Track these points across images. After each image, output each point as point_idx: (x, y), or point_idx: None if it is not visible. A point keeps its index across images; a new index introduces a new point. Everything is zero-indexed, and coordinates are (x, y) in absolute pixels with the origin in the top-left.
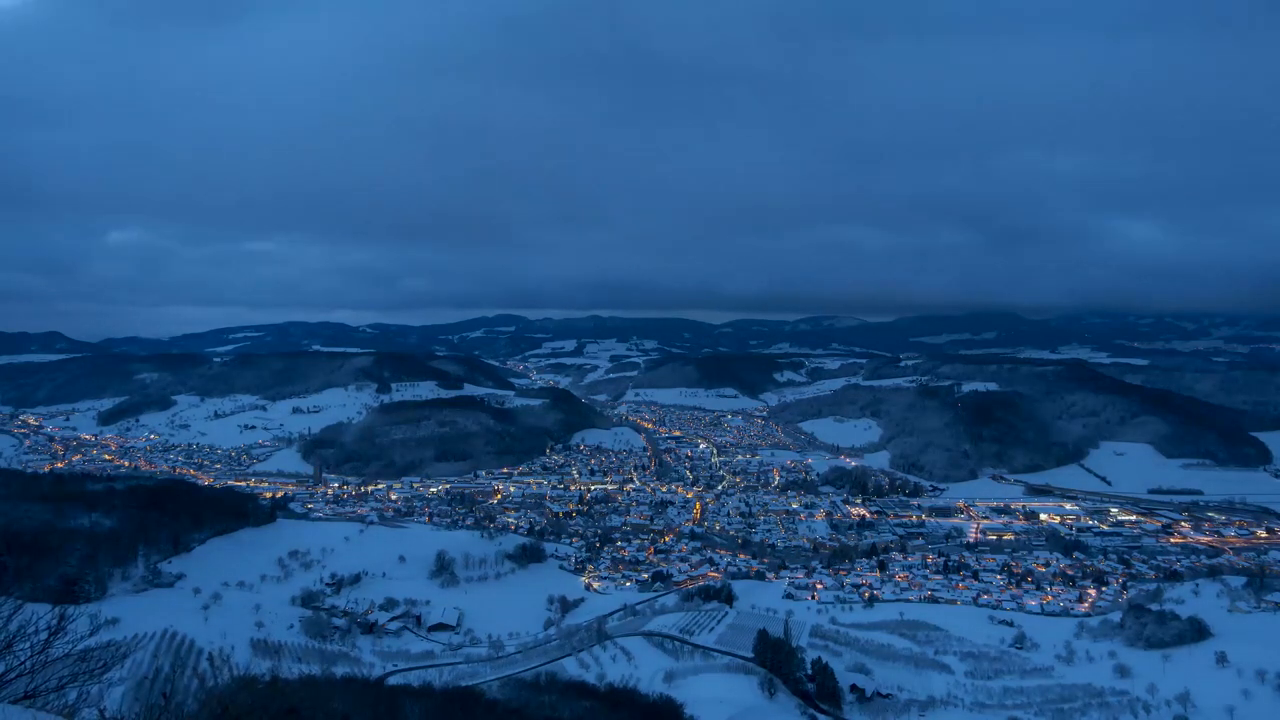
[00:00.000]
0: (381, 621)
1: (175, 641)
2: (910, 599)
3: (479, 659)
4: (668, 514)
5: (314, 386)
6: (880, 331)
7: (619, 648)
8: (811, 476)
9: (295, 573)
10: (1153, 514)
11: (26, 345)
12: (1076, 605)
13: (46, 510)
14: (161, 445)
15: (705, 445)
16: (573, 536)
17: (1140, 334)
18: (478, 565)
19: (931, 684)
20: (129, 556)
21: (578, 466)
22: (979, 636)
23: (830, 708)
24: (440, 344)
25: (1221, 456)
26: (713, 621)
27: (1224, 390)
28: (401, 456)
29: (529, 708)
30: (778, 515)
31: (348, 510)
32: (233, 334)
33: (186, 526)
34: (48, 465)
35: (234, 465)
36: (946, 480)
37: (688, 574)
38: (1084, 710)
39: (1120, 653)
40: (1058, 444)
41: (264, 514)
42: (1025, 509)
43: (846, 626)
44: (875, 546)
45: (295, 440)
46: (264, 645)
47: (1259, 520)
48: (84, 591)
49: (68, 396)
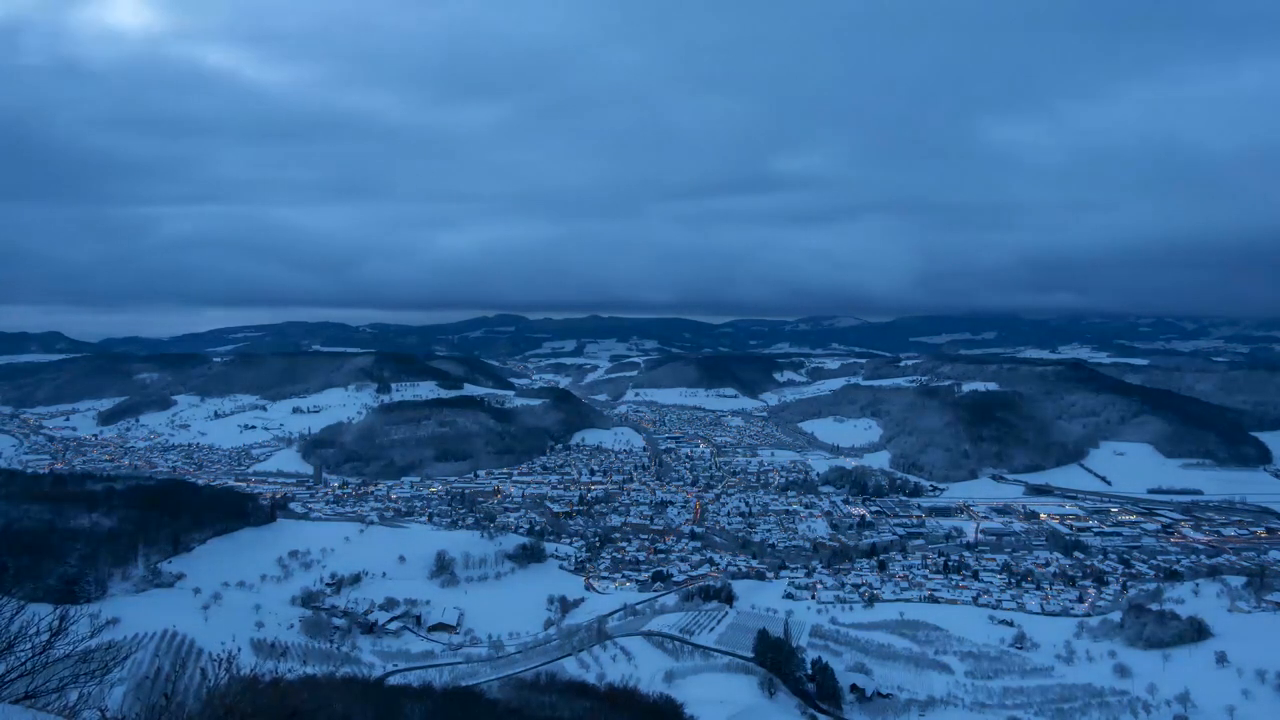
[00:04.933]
0: (381, 621)
1: (175, 641)
2: (910, 599)
3: (479, 659)
4: (668, 514)
5: (314, 386)
6: (880, 331)
7: (619, 648)
8: (811, 476)
9: (295, 573)
10: (1153, 514)
11: (26, 345)
12: (1076, 605)
13: (46, 510)
14: (161, 445)
15: (705, 445)
16: (573, 536)
17: (1140, 334)
18: (478, 565)
19: (931, 684)
20: (129, 556)
21: (578, 466)
22: (979, 636)
23: (830, 707)
24: (440, 344)
25: (1221, 456)
26: (713, 621)
27: (1224, 390)
28: (401, 456)
29: (529, 708)
30: (778, 515)
31: (348, 510)
32: (233, 334)
33: (186, 526)
34: (48, 465)
35: (234, 465)
36: (946, 480)
37: (688, 574)
38: (1084, 710)
39: (1120, 653)
40: (1058, 444)
41: (264, 514)
42: (1025, 509)
43: (846, 626)
44: (875, 546)
45: (295, 440)
46: (264, 645)
47: (1259, 520)
48: (84, 592)
49: (68, 396)
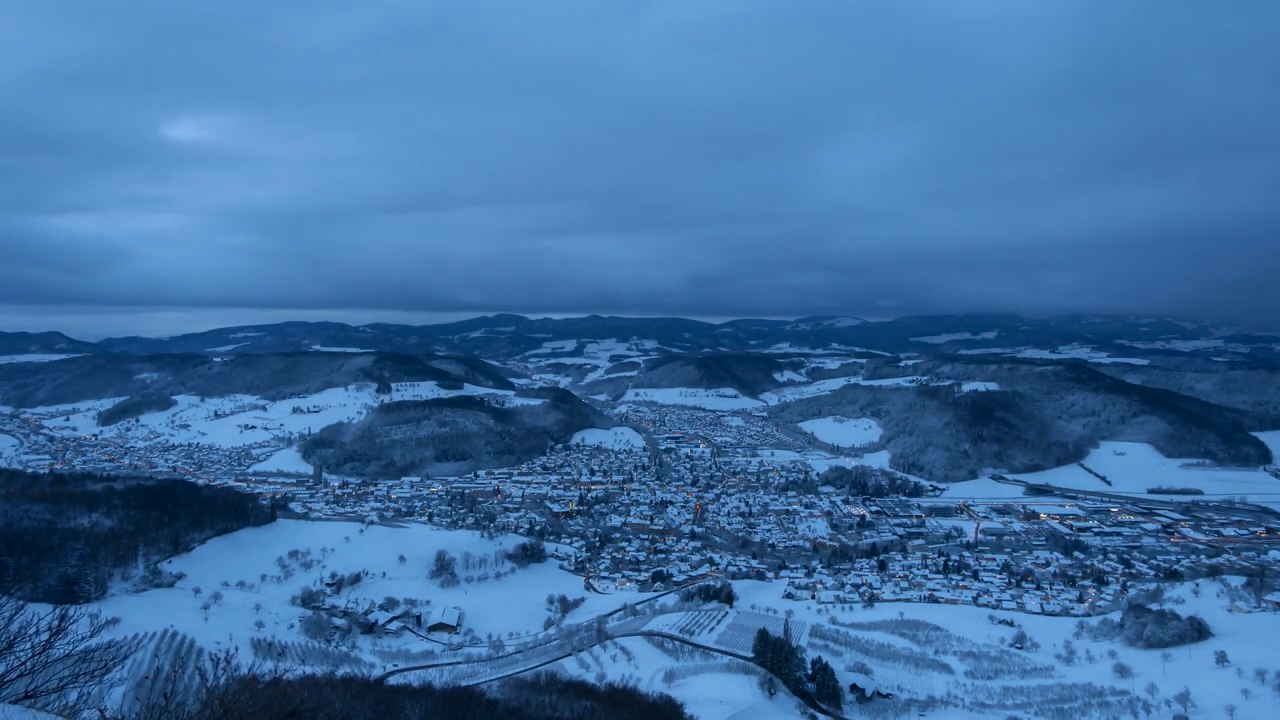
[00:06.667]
0: (381, 621)
1: (175, 641)
2: (910, 599)
3: (479, 659)
4: (668, 514)
5: (314, 386)
6: (880, 331)
7: (619, 647)
8: (811, 476)
9: (295, 573)
10: (1153, 514)
11: (26, 345)
12: (1076, 605)
13: (47, 510)
14: (161, 445)
15: (705, 445)
16: (573, 536)
17: (1140, 334)
18: (478, 565)
19: (931, 684)
20: (129, 556)
21: (578, 466)
22: (979, 636)
23: (830, 707)
24: (440, 344)
25: (1221, 456)
26: (713, 621)
27: (1224, 390)
28: (401, 456)
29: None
30: (778, 515)
31: (348, 510)
32: (233, 334)
33: (186, 526)
34: (48, 465)
35: (234, 465)
36: (946, 480)
37: (688, 574)
38: (1084, 710)
39: (1120, 652)
40: (1058, 444)
41: (264, 514)
42: (1025, 509)
43: (846, 626)
44: (875, 546)
45: (295, 440)
46: (264, 645)
47: (1259, 520)
48: (84, 591)
49: (68, 396)
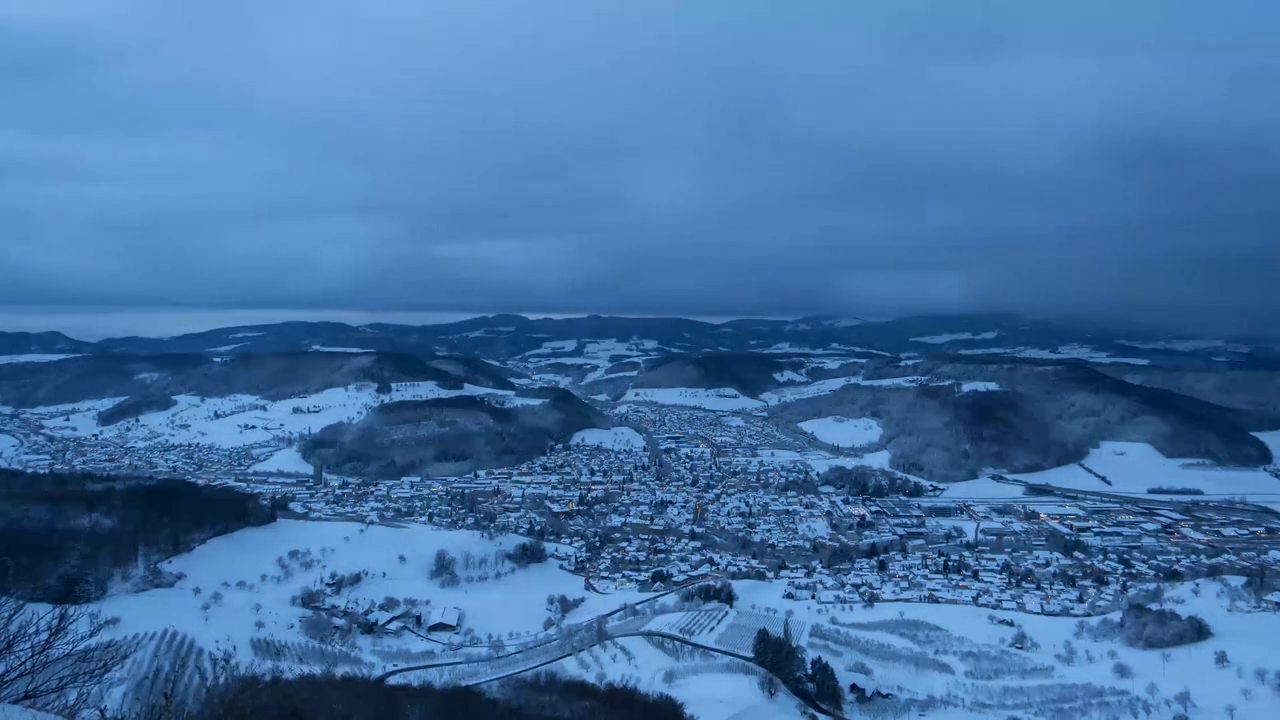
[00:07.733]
0: (382, 621)
1: (175, 641)
2: (910, 599)
3: (479, 659)
4: (668, 514)
5: (314, 386)
6: (880, 331)
7: (619, 647)
8: (811, 476)
9: (295, 573)
10: (1153, 514)
11: (26, 345)
12: (1076, 605)
13: (46, 510)
14: (161, 445)
15: (705, 445)
16: (573, 536)
17: (1140, 334)
18: (478, 565)
19: (932, 684)
20: (129, 556)
21: (578, 466)
22: (979, 636)
23: (830, 707)
24: (440, 344)
25: (1221, 456)
26: (713, 621)
27: (1224, 390)
28: (402, 456)
29: (529, 707)
30: (778, 515)
31: (348, 510)
32: (233, 334)
33: (186, 526)
34: (48, 465)
35: (234, 465)
36: (946, 480)
37: (688, 574)
38: (1084, 710)
39: (1120, 652)
40: (1058, 444)
41: (264, 514)
42: (1025, 509)
43: (846, 626)
44: (875, 546)
45: (295, 440)
46: (264, 645)
47: (1259, 520)
48: (84, 591)
49: (68, 396)
